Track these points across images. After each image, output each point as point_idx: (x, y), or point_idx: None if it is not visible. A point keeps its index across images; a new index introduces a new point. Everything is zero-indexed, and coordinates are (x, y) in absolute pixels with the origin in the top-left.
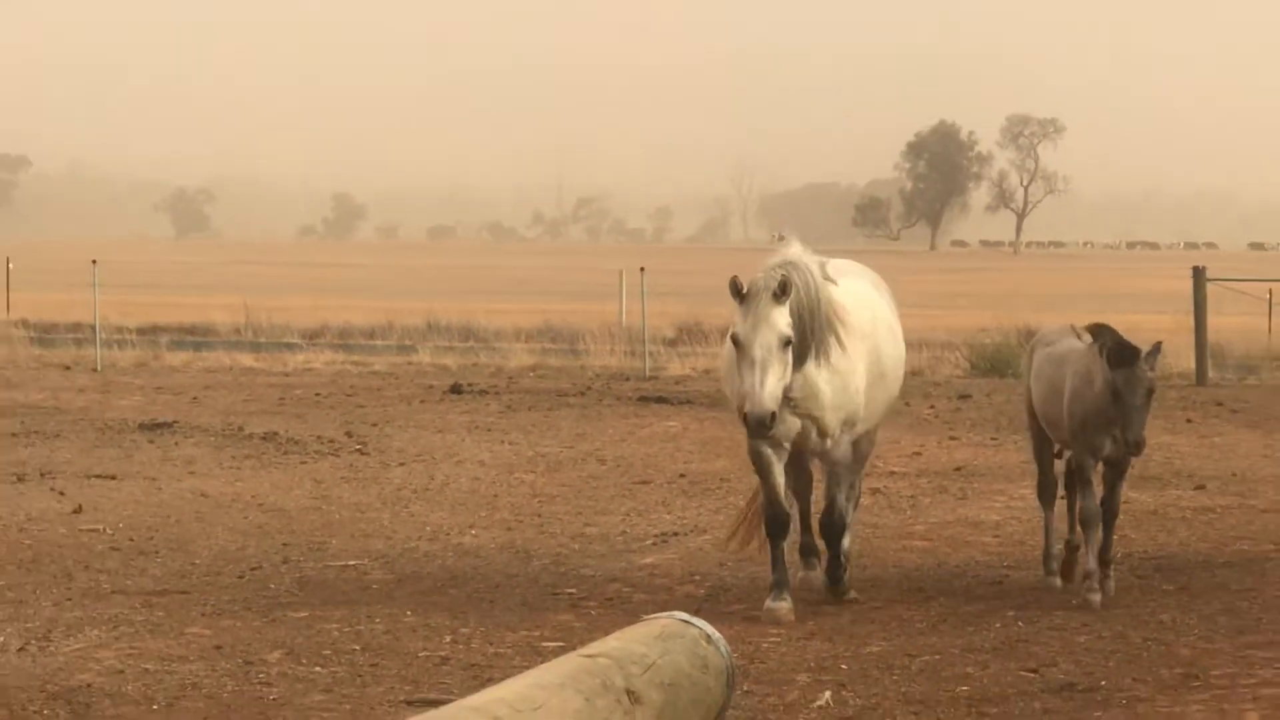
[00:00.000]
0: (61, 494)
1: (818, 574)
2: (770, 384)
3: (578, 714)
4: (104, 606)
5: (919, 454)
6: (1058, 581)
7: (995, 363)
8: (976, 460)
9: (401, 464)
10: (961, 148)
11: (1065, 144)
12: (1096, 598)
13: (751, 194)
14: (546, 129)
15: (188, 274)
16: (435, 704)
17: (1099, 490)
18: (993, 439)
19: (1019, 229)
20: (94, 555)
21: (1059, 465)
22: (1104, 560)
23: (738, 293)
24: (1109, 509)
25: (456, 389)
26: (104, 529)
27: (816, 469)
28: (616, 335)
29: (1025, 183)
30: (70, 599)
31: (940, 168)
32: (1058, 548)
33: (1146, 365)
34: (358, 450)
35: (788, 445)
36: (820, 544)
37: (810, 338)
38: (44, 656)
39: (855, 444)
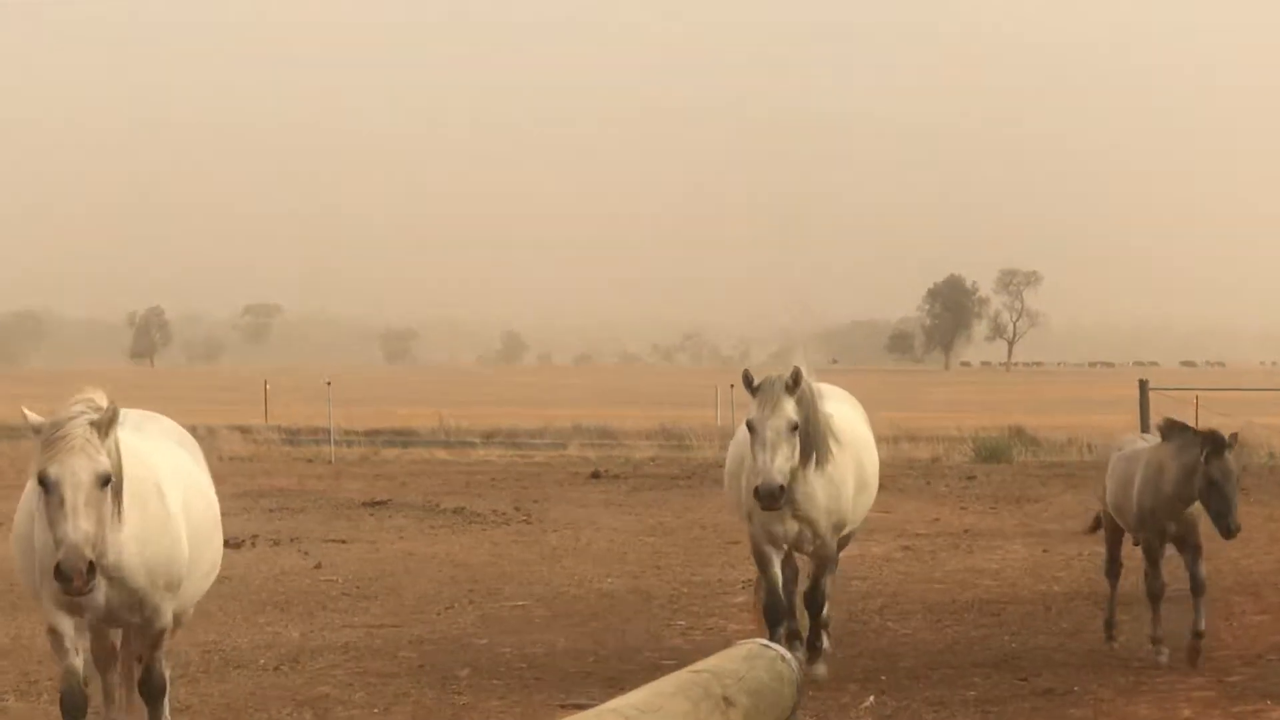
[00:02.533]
0: (306, 554)
1: (799, 655)
2: (779, 461)
3: (686, 715)
4: (337, 636)
5: (937, 520)
6: (1163, 656)
7: (994, 452)
8: (980, 524)
9: (556, 530)
10: (967, 293)
11: (1043, 289)
12: (1164, 658)
13: (808, 328)
14: (661, 273)
15: (397, 391)
16: (582, 708)
17: (1162, 567)
18: (992, 509)
19: (1010, 352)
20: (330, 599)
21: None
22: (1197, 633)
23: (750, 385)
24: (1196, 583)
25: (596, 474)
26: (337, 579)
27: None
28: (714, 434)
29: (1014, 319)
30: (313, 631)
31: (951, 309)
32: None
33: (1231, 454)
34: (523, 520)
35: (785, 545)
36: (804, 620)
37: (810, 440)
38: (293, 674)
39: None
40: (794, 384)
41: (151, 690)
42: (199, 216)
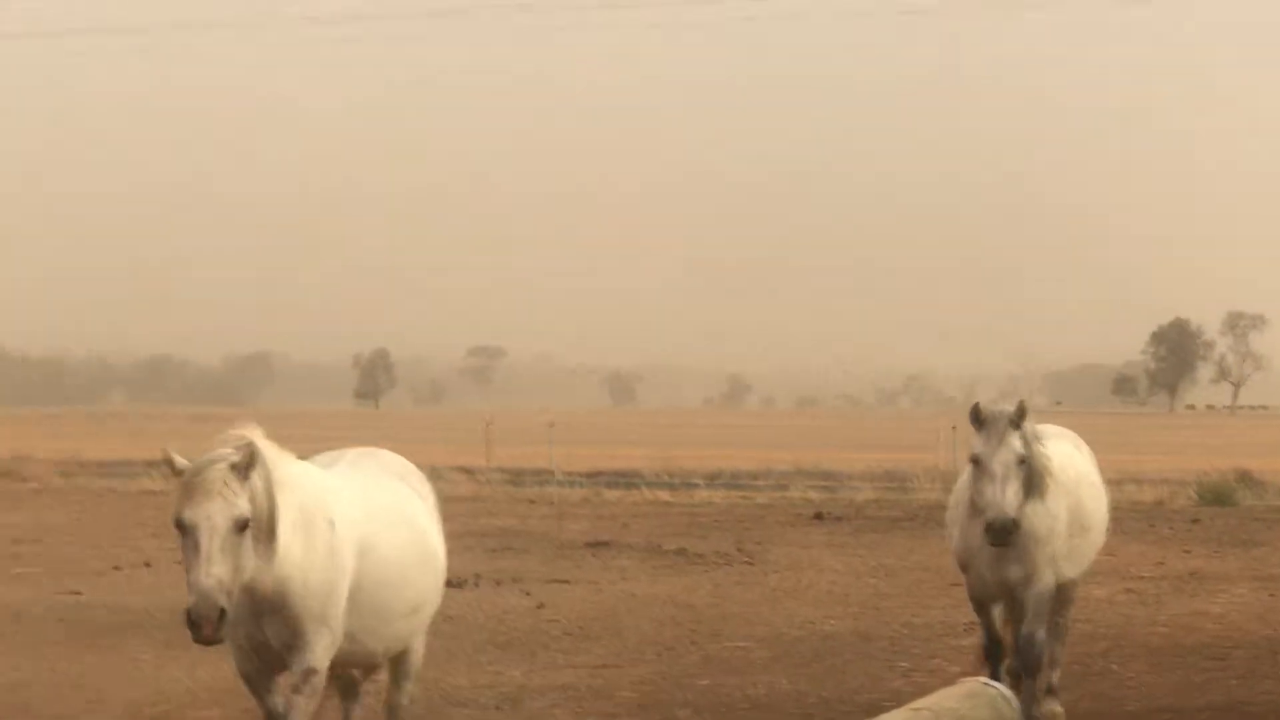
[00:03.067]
0: (528, 593)
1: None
2: (1010, 494)
3: None
4: (559, 676)
5: (1161, 563)
6: None
7: (1218, 495)
8: (1205, 568)
9: (777, 571)
10: (1192, 337)
11: (1269, 332)
12: None
13: (1032, 370)
14: (883, 317)
15: (620, 433)
16: None
17: None
18: (1217, 552)
19: (1235, 396)
20: (551, 638)
21: None
22: None
23: (977, 419)
24: None
25: (819, 516)
26: (559, 619)
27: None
28: (937, 475)
29: (1239, 362)
30: (534, 670)
31: (1176, 352)
32: None
33: None
34: (745, 561)
35: (1000, 588)
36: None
37: (1029, 477)
38: (514, 713)
39: (1061, 588)
40: (1019, 418)
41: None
42: (425, 261)
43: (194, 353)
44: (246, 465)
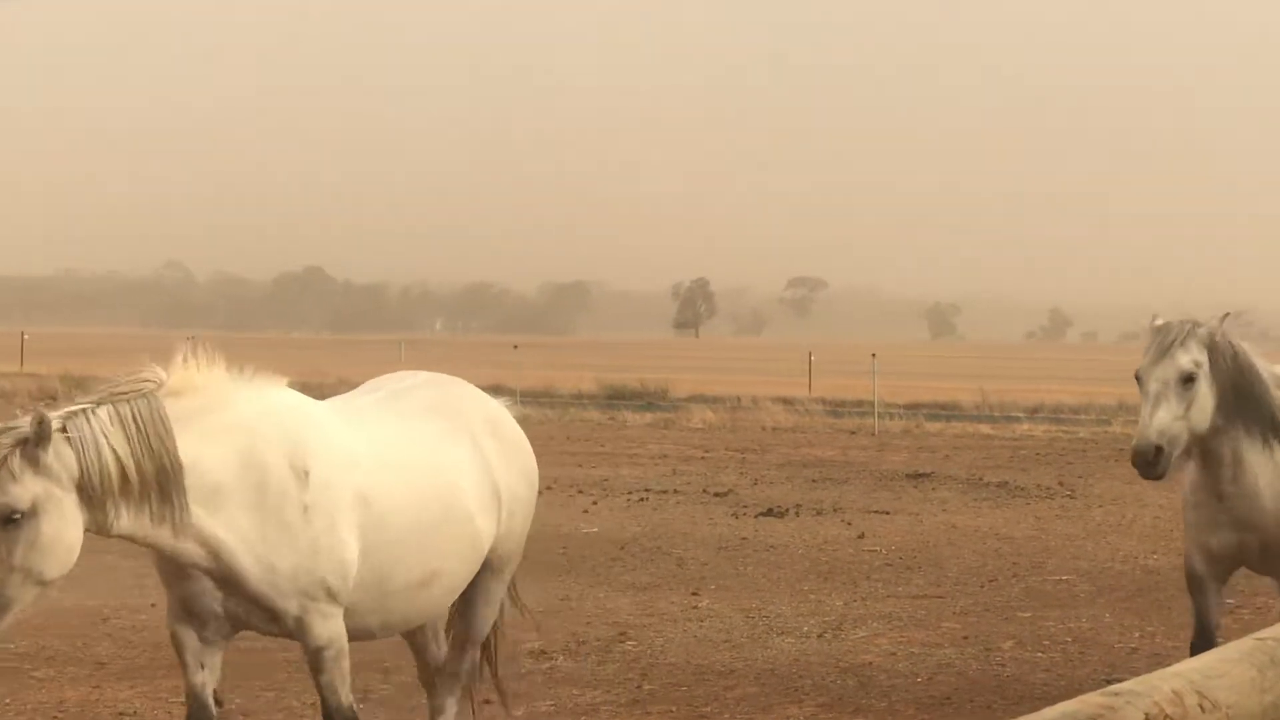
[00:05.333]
0: (849, 524)
1: None
2: (1160, 417)
3: (1251, 681)
4: (880, 606)
5: None
6: None
7: None
8: None
9: (1100, 506)
10: None
11: None
12: None
13: None
14: (1208, 252)
15: (940, 366)
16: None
17: None
18: None
19: None
20: (872, 569)
21: None
22: None
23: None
24: None
25: None
26: (880, 550)
27: None
28: None
29: None
30: (855, 600)
31: None
32: None
33: None
34: (1067, 495)
35: (1224, 564)
36: None
37: (1238, 408)
38: (836, 641)
39: None
40: (1201, 331)
41: None
42: (744, 193)
43: (512, 281)
44: (39, 439)
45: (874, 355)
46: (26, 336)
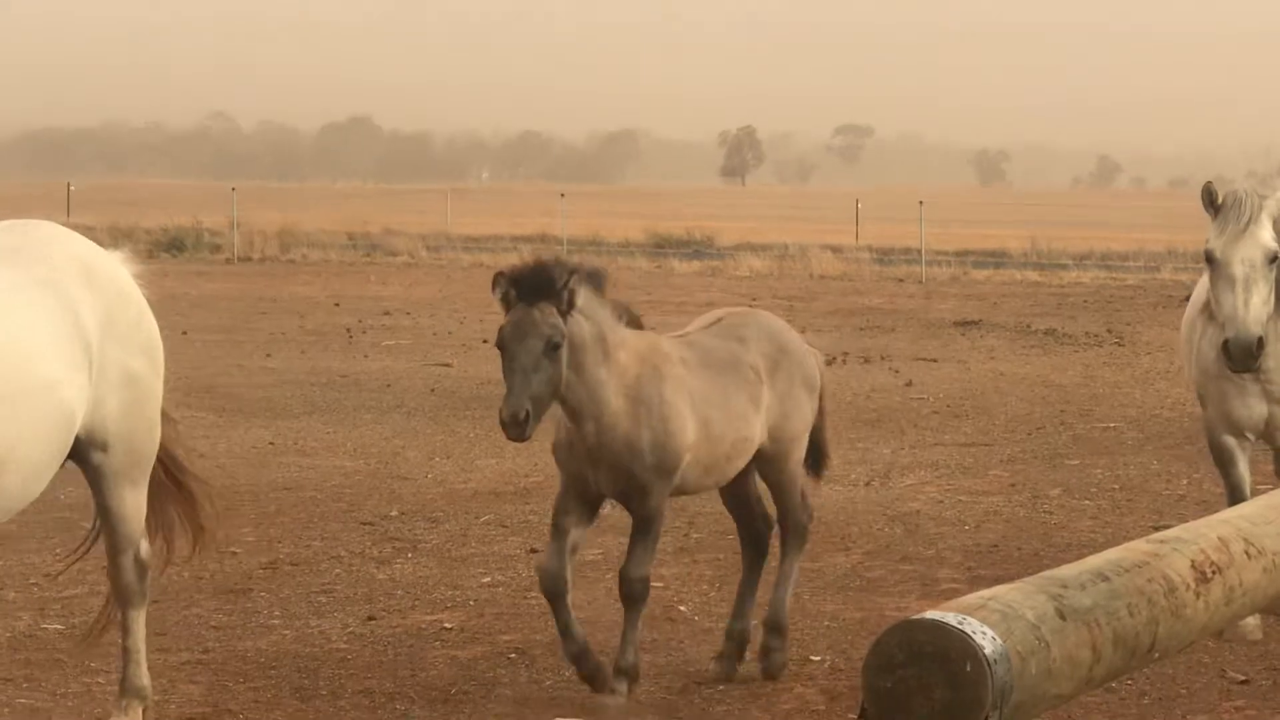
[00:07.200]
0: (896, 372)
1: None
2: (1255, 305)
3: None
4: (928, 454)
5: None
6: None
7: None
8: None
9: (1149, 353)
10: None
11: None
12: None
13: None
14: (1257, 95)
15: (988, 213)
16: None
17: None
18: None
19: None
20: (920, 417)
21: None
22: None
23: (1211, 203)
24: None
25: (1189, 299)
26: (927, 398)
27: None
28: None
29: None
30: (903, 448)
31: None
32: None
33: None
34: (1116, 343)
35: (1252, 437)
36: None
37: None
38: (884, 489)
39: None
40: (1270, 204)
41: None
42: (789, 36)
43: (560, 129)
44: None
45: (921, 202)
46: (73, 188)
